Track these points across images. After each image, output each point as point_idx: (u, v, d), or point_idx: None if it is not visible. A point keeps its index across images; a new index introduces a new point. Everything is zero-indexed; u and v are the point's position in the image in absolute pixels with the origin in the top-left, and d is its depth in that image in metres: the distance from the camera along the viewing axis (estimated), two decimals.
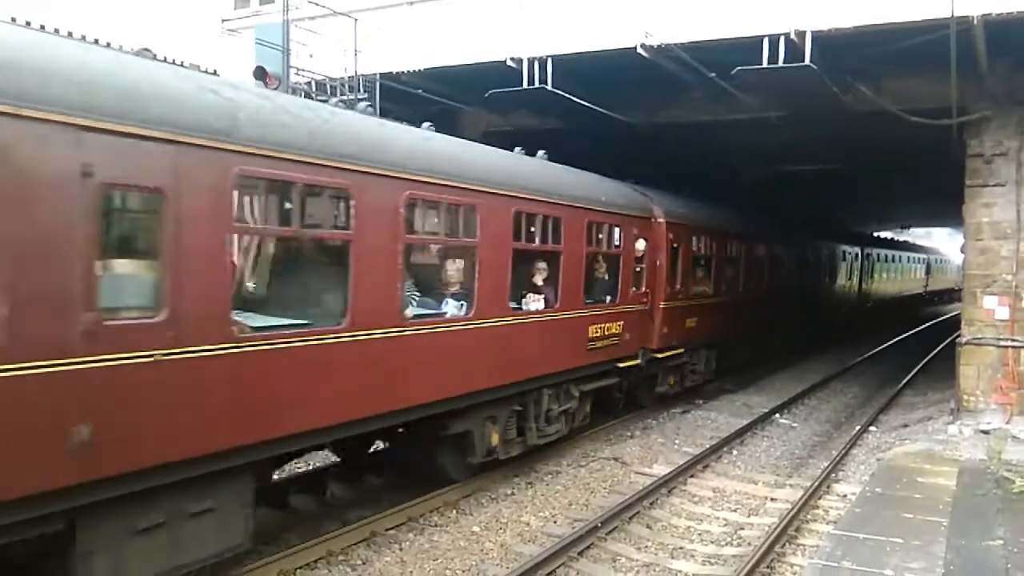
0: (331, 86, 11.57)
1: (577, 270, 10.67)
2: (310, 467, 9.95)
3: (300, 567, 7.25)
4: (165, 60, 6.13)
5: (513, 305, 9.49)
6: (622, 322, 11.98)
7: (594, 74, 12.27)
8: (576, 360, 10.92)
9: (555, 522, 8.91)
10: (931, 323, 37.15)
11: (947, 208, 16.73)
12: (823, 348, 24.86)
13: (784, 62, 10.28)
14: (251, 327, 6.15)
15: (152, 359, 5.24)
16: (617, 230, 11.90)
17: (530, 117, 14.66)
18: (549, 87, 11.92)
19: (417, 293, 8.27)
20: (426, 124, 8.86)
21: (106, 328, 4.98)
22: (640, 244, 12.65)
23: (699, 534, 8.85)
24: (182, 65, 6.30)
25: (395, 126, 8.35)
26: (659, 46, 11.05)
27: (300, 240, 7.39)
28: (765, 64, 10.39)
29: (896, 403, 16.71)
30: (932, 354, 23.10)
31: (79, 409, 4.86)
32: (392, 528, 8.33)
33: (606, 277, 11.90)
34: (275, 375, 6.23)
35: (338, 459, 9.55)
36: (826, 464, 11.27)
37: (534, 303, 10.02)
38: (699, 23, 10.86)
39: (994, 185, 12.04)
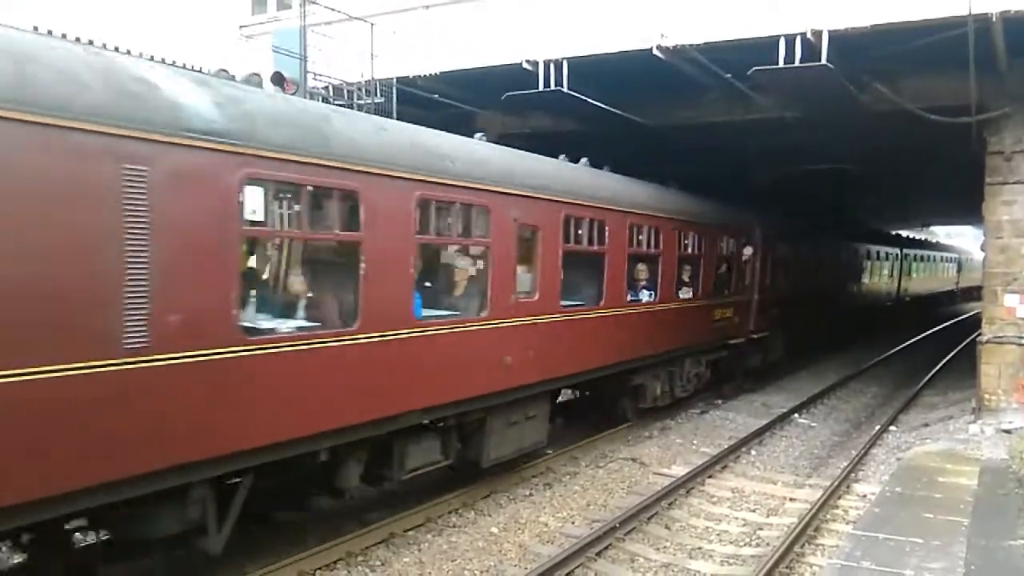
0: (348, 91, 11.67)
1: (710, 270, 14.60)
2: None
3: (319, 568, 7.33)
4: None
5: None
6: (733, 308, 15.78)
7: (610, 76, 12.26)
8: (706, 336, 14.77)
9: (573, 523, 8.95)
10: (963, 317, 37.32)
11: (968, 206, 16.55)
12: (850, 344, 25.02)
13: (800, 62, 10.22)
14: (562, 305, 10.06)
15: (531, 322, 9.29)
16: (734, 240, 15.94)
17: (546, 119, 14.65)
18: (565, 89, 11.93)
19: None
20: (606, 171, 12.05)
21: (517, 302, 9.06)
22: (747, 250, 16.39)
23: (718, 534, 8.85)
24: (201, 71, 6.52)
25: (620, 177, 11.99)
26: (675, 47, 11.05)
27: (582, 253, 10.76)
28: (781, 64, 10.35)
29: (916, 402, 16.61)
30: (957, 349, 22.93)
31: (505, 346, 8.85)
32: (411, 529, 8.40)
33: (725, 274, 15.57)
34: (571, 334, 10.26)
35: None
36: (846, 464, 11.25)
37: (684, 293, 13.65)
38: (715, 24, 10.82)
39: (1014, 182, 11.93)
